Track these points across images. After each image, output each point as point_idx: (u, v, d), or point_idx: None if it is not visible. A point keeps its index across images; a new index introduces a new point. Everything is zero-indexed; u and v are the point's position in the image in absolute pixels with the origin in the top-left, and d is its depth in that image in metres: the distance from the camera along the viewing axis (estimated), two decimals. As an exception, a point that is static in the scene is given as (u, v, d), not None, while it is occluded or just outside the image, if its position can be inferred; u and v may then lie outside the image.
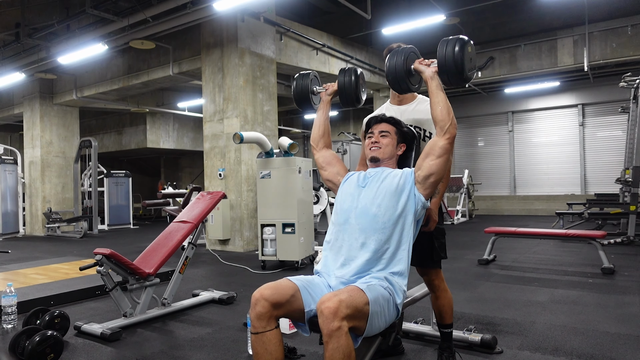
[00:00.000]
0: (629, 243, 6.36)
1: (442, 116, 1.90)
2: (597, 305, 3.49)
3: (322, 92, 2.31)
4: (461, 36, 1.85)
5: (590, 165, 11.72)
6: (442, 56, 1.86)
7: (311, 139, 2.30)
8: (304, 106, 2.36)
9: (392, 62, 1.99)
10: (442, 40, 1.88)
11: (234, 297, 3.90)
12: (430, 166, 1.90)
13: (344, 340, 1.53)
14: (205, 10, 6.49)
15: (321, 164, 2.24)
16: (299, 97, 2.33)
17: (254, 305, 1.70)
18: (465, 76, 1.86)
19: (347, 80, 2.20)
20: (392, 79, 2.00)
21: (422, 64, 1.98)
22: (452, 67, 1.84)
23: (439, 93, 1.92)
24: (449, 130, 1.89)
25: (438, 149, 1.90)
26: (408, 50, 2.01)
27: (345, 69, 2.25)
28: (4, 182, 10.03)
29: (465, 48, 1.83)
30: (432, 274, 2.35)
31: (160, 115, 13.21)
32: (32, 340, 2.53)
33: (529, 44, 9.89)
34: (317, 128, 2.27)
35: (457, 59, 1.83)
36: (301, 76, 2.35)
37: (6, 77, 9.11)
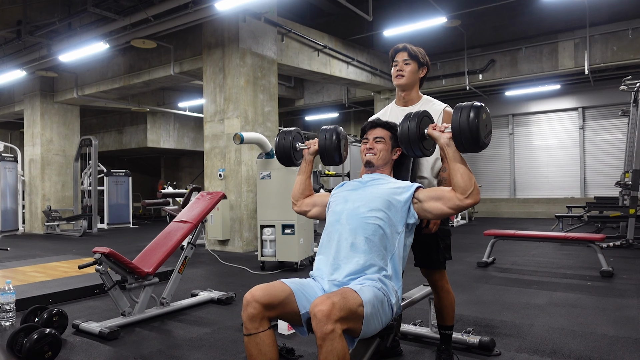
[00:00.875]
0: (628, 246, 6.36)
1: (464, 184, 1.82)
2: (596, 308, 3.49)
3: (305, 150, 2.30)
4: (476, 103, 1.79)
5: (590, 168, 11.72)
6: (457, 125, 1.79)
7: (292, 196, 2.32)
8: (286, 163, 2.37)
9: (404, 127, 1.94)
10: (456, 107, 1.82)
11: (232, 297, 3.90)
12: (436, 208, 1.88)
13: (338, 342, 1.53)
14: (206, 10, 6.50)
15: (303, 212, 2.29)
16: (282, 154, 2.34)
17: (246, 306, 1.69)
18: (481, 143, 1.79)
19: (328, 139, 2.19)
20: (405, 144, 1.96)
21: (436, 130, 1.91)
22: (468, 135, 1.78)
23: (456, 162, 1.84)
24: (472, 196, 1.82)
25: (454, 206, 1.84)
26: (422, 115, 1.96)
27: (327, 129, 2.22)
28: (4, 180, 10.03)
29: (480, 115, 1.77)
30: (436, 274, 2.35)
31: (160, 115, 13.22)
32: (30, 338, 2.53)
33: (530, 46, 9.90)
34: (299, 186, 2.30)
35: (472, 127, 1.76)
36: (283, 133, 2.34)
37: (7, 75, 9.12)
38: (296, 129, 2.40)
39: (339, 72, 9.41)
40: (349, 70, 9.70)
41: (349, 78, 9.74)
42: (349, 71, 9.68)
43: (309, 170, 2.31)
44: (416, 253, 2.34)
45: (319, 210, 2.21)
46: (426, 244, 2.29)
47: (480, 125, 1.77)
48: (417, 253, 2.34)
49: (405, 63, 2.34)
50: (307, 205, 2.27)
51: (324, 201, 2.17)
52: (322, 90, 12.55)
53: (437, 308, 2.40)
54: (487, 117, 1.82)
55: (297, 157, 2.35)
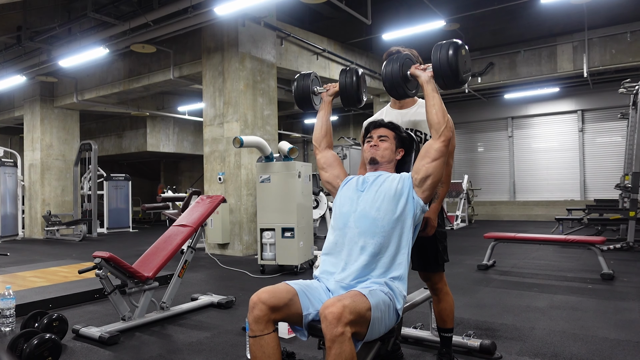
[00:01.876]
0: (629, 249, 6.36)
1: (437, 119, 1.93)
2: (597, 311, 3.48)
3: (324, 93, 2.31)
4: (454, 40, 1.89)
5: (590, 171, 11.73)
6: (437, 60, 1.89)
7: (314, 138, 2.30)
8: (305, 106, 2.36)
9: (388, 69, 2.03)
10: (436, 45, 1.92)
11: (232, 301, 3.89)
12: (427, 168, 1.92)
13: (347, 346, 1.53)
14: (206, 15, 6.52)
15: (322, 164, 2.24)
16: (300, 98, 2.34)
17: (252, 308, 1.70)
18: (460, 79, 1.89)
19: (349, 80, 2.22)
20: (389, 85, 2.03)
21: (418, 69, 2.01)
22: (447, 70, 1.87)
23: (434, 96, 1.95)
24: (443, 133, 1.92)
25: (433, 151, 1.93)
26: (404, 57, 2.04)
27: (347, 69, 2.26)
28: (4, 185, 10.03)
29: (459, 51, 1.86)
30: (435, 277, 2.35)
31: (160, 119, 13.23)
32: (30, 343, 2.53)
33: (528, 50, 9.93)
34: (319, 128, 2.28)
35: (451, 62, 1.86)
36: (302, 76, 2.35)
37: (7, 80, 9.13)
38: (313, 72, 2.40)
39: (338, 75, 9.41)
40: (348, 73, 9.69)
41: (348, 81, 9.73)
42: (348, 75, 9.68)
43: (329, 111, 2.31)
44: (414, 256, 2.33)
45: (332, 178, 2.18)
46: (424, 247, 2.29)
47: (459, 61, 1.86)
48: (416, 256, 2.33)
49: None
50: (328, 159, 2.22)
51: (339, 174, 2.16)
52: (322, 94, 12.56)
53: (437, 311, 2.40)
54: (466, 54, 1.91)
55: (316, 101, 2.35)
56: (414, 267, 2.39)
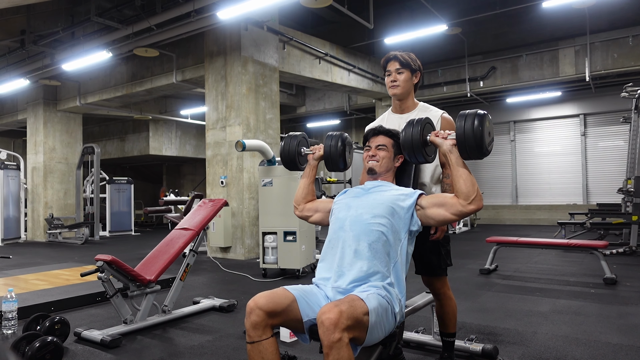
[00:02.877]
0: (631, 253, 6.34)
1: (466, 190, 1.82)
2: (599, 315, 3.47)
3: (310, 155, 2.31)
4: (479, 111, 1.80)
5: (592, 175, 11.70)
6: (462, 132, 1.80)
7: (294, 200, 2.33)
8: (291, 167, 2.39)
9: (407, 133, 1.95)
10: (460, 114, 1.83)
11: (234, 304, 3.89)
12: (438, 215, 1.88)
13: (345, 351, 1.52)
14: (209, 19, 6.54)
15: (305, 217, 2.28)
16: (287, 158, 2.35)
17: (249, 314, 1.69)
18: (484, 150, 1.80)
19: (334, 145, 2.21)
20: (408, 150, 1.96)
21: (439, 137, 1.91)
22: (472, 142, 1.78)
23: (459, 168, 1.84)
24: (475, 202, 1.81)
25: (456, 212, 1.84)
26: (424, 122, 1.96)
27: (333, 135, 2.25)
28: (7, 188, 10.07)
29: (484, 123, 1.78)
30: (438, 282, 2.34)
31: (163, 123, 13.27)
32: (32, 346, 2.53)
33: (530, 54, 9.93)
34: (302, 191, 2.30)
35: (476, 134, 1.77)
36: (289, 138, 2.36)
37: (10, 83, 9.18)
38: (302, 133, 2.41)
39: (340, 79, 9.45)
40: (350, 77, 9.73)
41: (350, 85, 9.78)
42: (350, 78, 9.72)
43: (313, 176, 2.32)
44: (417, 260, 2.33)
45: (321, 216, 2.20)
46: (427, 251, 2.28)
47: (484, 132, 1.78)
48: (418, 260, 2.33)
49: (398, 72, 2.34)
50: (309, 210, 2.26)
51: (327, 207, 2.17)
52: (324, 98, 12.60)
53: (439, 315, 2.40)
54: (489, 125, 1.83)
55: (301, 161, 2.37)
56: (417, 271, 2.38)
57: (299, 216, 2.33)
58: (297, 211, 2.32)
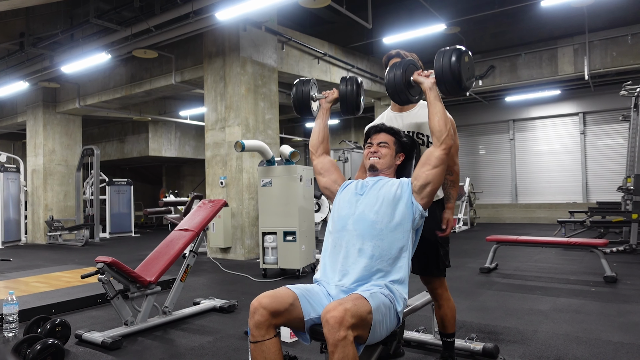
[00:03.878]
0: (632, 251, 6.34)
1: (439, 126, 1.92)
2: (600, 314, 3.47)
3: (322, 100, 2.33)
4: (458, 46, 1.87)
5: (592, 173, 11.71)
6: (439, 67, 1.87)
7: (310, 144, 2.31)
8: (303, 112, 2.38)
9: (391, 75, 2.01)
10: (439, 52, 1.90)
11: (235, 305, 3.89)
12: (427, 175, 1.92)
13: (350, 349, 1.53)
14: (207, 20, 6.55)
15: (319, 170, 2.25)
16: (299, 104, 2.35)
17: (253, 314, 1.70)
18: (463, 86, 1.88)
19: (349, 89, 2.23)
20: (392, 91, 2.01)
21: (421, 75, 1.99)
22: (450, 77, 1.85)
23: (436, 103, 1.94)
24: (445, 141, 1.92)
25: (434, 159, 1.93)
26: (407, 63, 2.02)
27: (347, 78, 2.28)
28: (7, 191, 10.06)
29: (462, 58, 1.85)
30: (436, 282, 2.34)
31: (162, 124, 13.27)
32: (33, 348, 2.54)
33: (529, 52, 9.94)
34: (317, 134, 2.29)
35: (454, 69, 1.84)
36: (301, 82, 2.37)
37: (10, 86, 9.17)
38: (312, 78, 2.42)
39: (339, 79, 9.44)
40: (350, 77, 9.72)
41: (350, 85, 9.76)
42: (349, 79, 9.70)
43: (327, 118, 2.32)
44: (415, 260, 2.33)
45: (329, 183, 2.18)
46: (425, 250, 2.28)
47: (462, 67, 1.85)
48: (416, 260, 2.32)
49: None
50: (325, 165, 2.22)
51: (337, 179, 2.17)
52: (323, 98, 12.58)
53: (438, 317, 2.39)
54: (469, 61, 1.89)
55: (314, 107, 2.37)
56: (414, 271, 2.38)
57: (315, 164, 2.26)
58: (314, 157, 2.27)
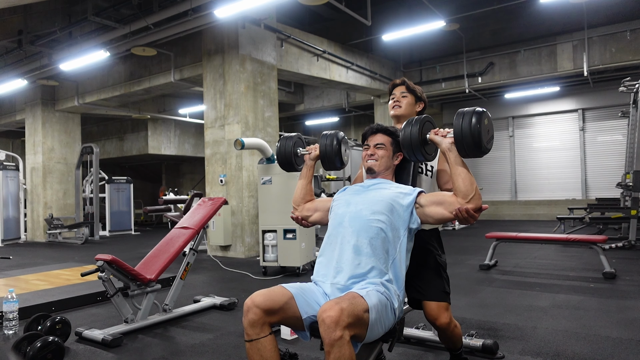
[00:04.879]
0: (630, 247, 6.35)
1: (465, 188, 1.81)
2: (599, 310, 3.48)
3: (306, 156, 2.31)
4: (477, 108, 1.79)
5: (591, 169, 11.72)
6: (459, 130, 1.79)
7: (293, 201, 2.30)
8: (288, 168, 2.37)
9: (407, 131, 1.94)
10: (458, 113, 1.82)
11: (235, 303, 3.90)
12: (437, 214, 1.87)
13: (346, 349, 1.53)
14: (206, 18, 6.53)
15: (305, 216, 2.24)
16: (283, 160, 2.35)
17: (246, 312, 1.70)
18: (483, 148, 1.79)
19: (329, 144, 2.20)
20: (407, 148, 1.95)
21: (438, 135, 1.91)
22: (470, 140, 1.77)
23: (458, 166, 1.84)
24: (473, 201, 1.80)
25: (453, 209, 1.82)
26: (424, 120, 1.95)
27: (327, 134, 2.23)
28: (6, 189, 10.06)
29: (482, 120, 1.77)
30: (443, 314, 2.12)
31: (161, 122, 13.25)
32: (34, 346, 2.54)
33: (528, 49, 9.93)
34: (300, 191, 2.29)
35: (474, 132, 1.75)
36: (284, 139, 2.36)
37: (8, 84, 9.16)
38: (297, 134, 2.41)
39: (339, 76, 9.44)
40: (349, 74, 9.72)
41: (349, 82, 9.77)
42: (348, 76, 9.71)
43: (310, 175, 2.31)
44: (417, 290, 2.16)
45: (321, 215, 2.19)
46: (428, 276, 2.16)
47: (482, 130, 1.76)
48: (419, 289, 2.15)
49: (402, 95, 2.35)
50: (309, 210, 2.25)
51: (326, 206, 2.16)
52: (322, 95, 12.58)
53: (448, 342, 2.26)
54: (489, 123, 1.82)
55: (298, 162, 2.36)
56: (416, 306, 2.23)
57: (297, 217, 2.27)
58: (297, 212, 2.28)
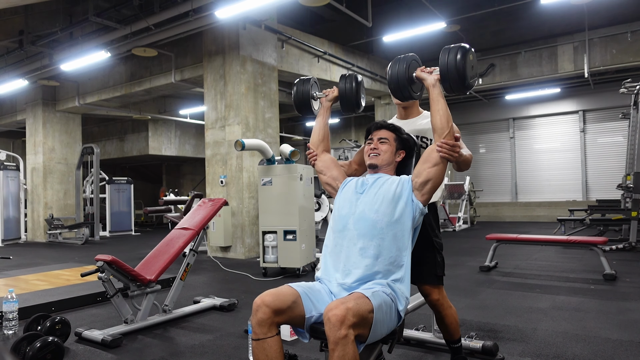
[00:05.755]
0: (631, 249, 6.34)
1: (440, 124, 1.92)
2: (599, 311, 3.48)
3: (323, 98, 2.34)
4: (463, 44, 1.87)
5: (592, 171, 11.71)
6: (445, 64, 1.87)
7: (311, 142, 2.32)
8: (304, 111, 2.38)
9: (394, 70, 2.00)
10: (443, 49, 1.90)
11: (235, 304, 3.90)
12: (428, 173, 1.92)
13: (350, 348, 1.54)
14: (207, 19, 6.54)
15: (320, 168, 2.25)
16: (299, 103, 2.36)
17: (256, 311, 1.70)
18: (467, 83, 1.88)
19: (348, 86, 2.24)
20: (394, 86, 2.01)
21: (424, 72, 1.99)
22: (455, 74, 1.85)
23: (439, 100, 1.94)
24: (447, 137, 1.91)
25: (435, 156, 1.92)
26: (410, 58, 2.02)
27: (346, 75, 2.28)
28: (6, 189, 10.07)
29: (467, 56, 1.85)
30: (435, 292, 2.24)
31: (162, 122, 13.26)
32: (33, 346, 2.54)
33: (529, 50, 9.93)
34: (317, 132, 2.30)
35: (459, 66, 1.84)
36: (301, 81, 2.37)
37: (9, 84, 9.17)
38: (313, 77, 2.42)
39: (339, 77, 9.43)
40: (349, 76, 9.72)
41: (349, 84, 9.76)
42: (349, 77, 9.70)
43: (327, 116, 2.33)
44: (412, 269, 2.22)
45: (330, 180, 2.18)
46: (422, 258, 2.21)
47: (467, 65, 1.84)
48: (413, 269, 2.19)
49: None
50: (325, 166, 2.22)
51: (338, 176, 2.16)
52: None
53: (442, 326, 2.32)
54: (473, 59, 1.89)
55: (315, 106, 2.38)
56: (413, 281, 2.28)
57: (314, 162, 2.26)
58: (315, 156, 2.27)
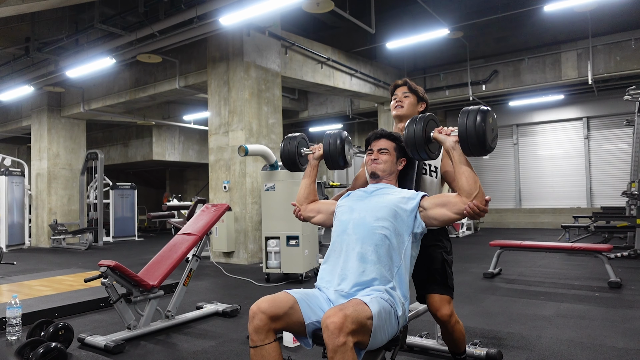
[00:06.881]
0: (636, 257, 6.30)
1: (468, 186, 1.81)
2: (604, 319, 3.45)
3: (310, 155, 2.32)
4: (482, 107, 1.79)
5: (596, 178, 11.66)
6: (464, 127, 1.78)
7: (297, 200, 2.32)
8: (292, 168, 2.39)
9: (411, 129, 1.94)
10: (462, 111, 1.82)
11: (237, 309, 3.89)
12: (442, 215, 1.87)
13: (350, 355, 1.52)
14: (211, 25, 6.59)
15: (307, 217, 2.25)
16: (287, 159, 2.36)
17: (252, 318, 1.70)
18: (487, 147, 1.79)
19: (332, 143, 2.20)
20: (410, 146, 1.95)
21: (442, 133, 1.91)
22: (474, 139, 1.77)
23: (462, 165, 1.84)
24: (476, 199, 1.80)
25: (459, 210, 1.82)
26: (428, 118, 1.96)
27: (331, 134, 2.24)
28: (11, 194, 10.11)
29: (487, 119, 1.77)
30: (445, 307, 2.17)
31: (166, 128, 13.32)
32: (36, 352, 2.54)
33: (532, 57, 9.93)
34: (304, 190, 2.29)
35: (479, 130, 1.75)
36: (289, 139, 2.37)
37: (15, 90, 9.24)
38: (301, 134, 2.42)
39: (343, 84, 9.47)
40: (353, 82, 9.76)
41: (353, 90, 9.80)
42: (352, 83, 9.74)
43: (314, 175, 2.32)
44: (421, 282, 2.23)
45: (324, 218, 2.18)
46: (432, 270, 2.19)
47: (487, 129, 1.77)
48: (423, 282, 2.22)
49: (404, 96, 2.37)
50: (312, 211, 2.25)
51: (329, 209, 2.16)
52: (326, 102, 12.62)
53: (450, 341, 2.28)
54: (493, 121, 1.82)
55: (302, 162, 2.38)
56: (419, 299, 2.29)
57: (300, 217, 2.29)
58: (300, 211, 2.29)
